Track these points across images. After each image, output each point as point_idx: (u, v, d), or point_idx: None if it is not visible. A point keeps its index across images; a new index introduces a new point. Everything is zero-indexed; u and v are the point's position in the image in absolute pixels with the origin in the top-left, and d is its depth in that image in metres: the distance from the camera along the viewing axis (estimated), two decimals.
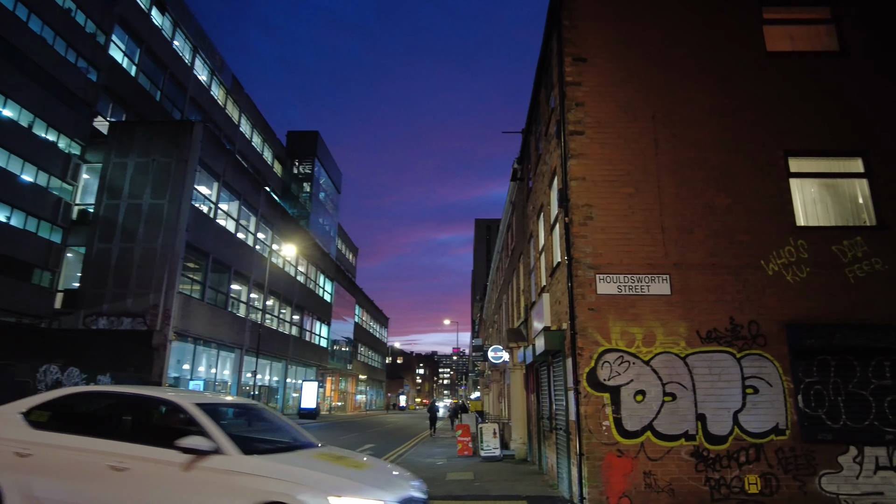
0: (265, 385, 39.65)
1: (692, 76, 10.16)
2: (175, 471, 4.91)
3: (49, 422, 5.63)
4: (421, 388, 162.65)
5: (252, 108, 50.28)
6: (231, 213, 33.74)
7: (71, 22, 29.10)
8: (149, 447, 5.12)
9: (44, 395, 5.94)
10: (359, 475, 5.13)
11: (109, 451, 5.11)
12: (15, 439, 5.37)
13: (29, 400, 5.84)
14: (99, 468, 5.07)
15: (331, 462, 5.43)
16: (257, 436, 6.19)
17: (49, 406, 5.81)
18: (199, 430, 5.15)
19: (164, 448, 5.01)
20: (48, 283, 27.91)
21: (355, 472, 5.25)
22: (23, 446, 5.31)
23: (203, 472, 4.89)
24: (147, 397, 5.94)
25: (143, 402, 5.94)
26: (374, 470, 5.54)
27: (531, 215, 14.27)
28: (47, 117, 27.53)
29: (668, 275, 9.00)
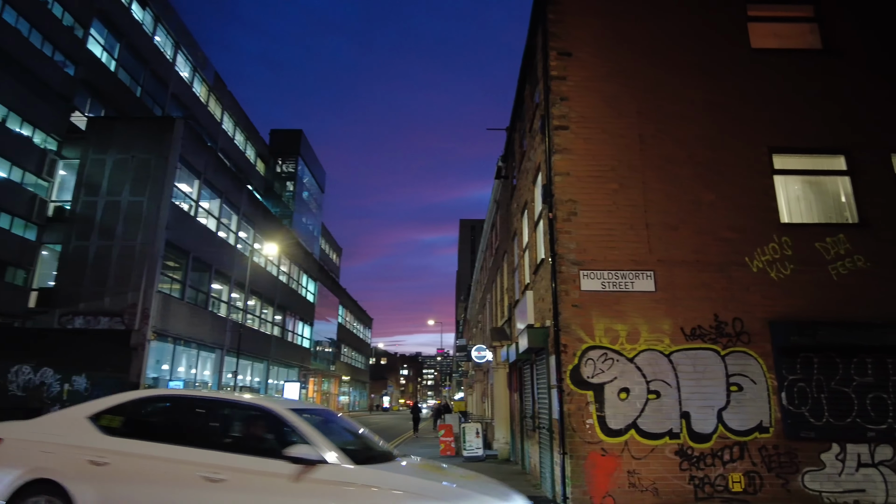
0: (246, 386, 39.12)
1: (678, 72, 10.10)
2: (282, 483, 4.46)
3: (124, 428, 5.15)
4: (405, 388, 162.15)
5: (235, 105, 49.68)
6: (212, 212, 33.23)
7: (47, 14, 28.44)
8: (248, 457, 4.67)
9: (112, 399, 5.41)
10: (473, 485, 4.76)
11: (200, 461, 4.64)
12: (88, 446, 4.86)
13: (95, 403, 5.34)
14: (189, 479, 4.60)
15: (437, 472, 5.10)
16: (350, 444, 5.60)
17: (120, 410, 5.31)
18: (300, 438, 4.72)
19: (266, 458, 4.58)
20: (22, 282, 27.21)
21: (467, 481, 4.89)
22: (97, 454, 4.81)
23: (315, 484, 4.43)
24: (237, 402, 5.48)
25: (232, 409, 5.46)
26: (480, 480, 5.12)
27: (515, 213, 14.15)
28: (22, 111, 26.85)
29: (652, 271, 8.92)
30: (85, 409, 5.26)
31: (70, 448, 4.90)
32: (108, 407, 5.28)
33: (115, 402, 5.35)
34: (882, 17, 10.46)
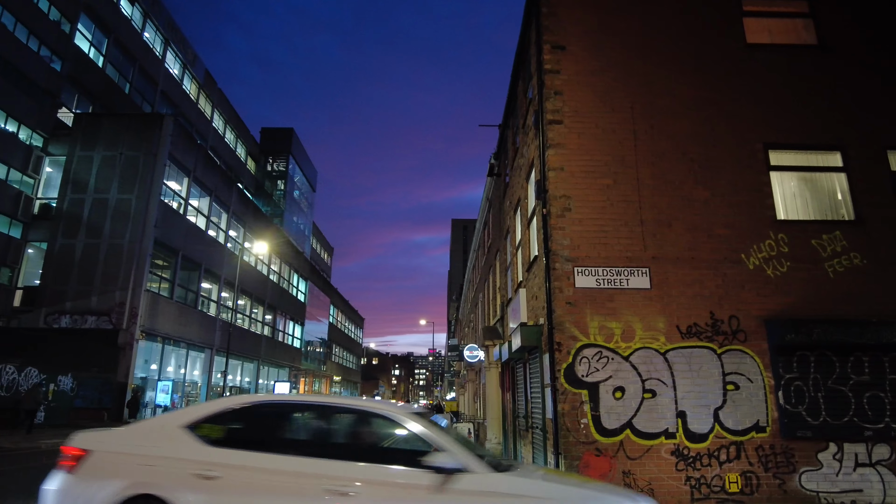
0: (236, 386, 38.75)
1: (671, 67, 9.98)
2: (423, 495, 4.10)
3: (228, 437, 4.74)
4: (396, 389, 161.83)
5: (225, 103, 49.27)
6: (202, 210, 32.88)
7: (33, 8, 28.01)
8: (379, 466, 4.31)
9: (210, 406, 4.94)
10: (607, 488, 4.52)
11: (325, 473, 4.23)
12: (193, 459, 4.43)
13: (189, 412, 4.89)
14: (313, 493, 4.20)
15: (567, 477, 4.87)
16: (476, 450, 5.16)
17: (220, 418, 4.88)
18: (430, 445, 4.39)
19: (399, 467, 4.25)
20: (6, 281, 26.77)
21: (598, 485, 4.64)
22: (205, 467, 4.37)
23: (460, 496, 4.09)
24: (353, 408, 5.06)
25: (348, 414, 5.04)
26: (606, 484, 4.87)
27: (508, 210, 13.99)
28: (6, 107, 26.40)
29: (647, 268, 8.78)
30: (179, 417, 4.81)
31: (173, 461, 4.44)
32: (206, 415, 4.84)
33: (215, 410, 4.90)
34: (877, 12, 10.39)
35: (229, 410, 4.89)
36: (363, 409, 4.99)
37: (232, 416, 4.93)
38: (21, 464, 11.16)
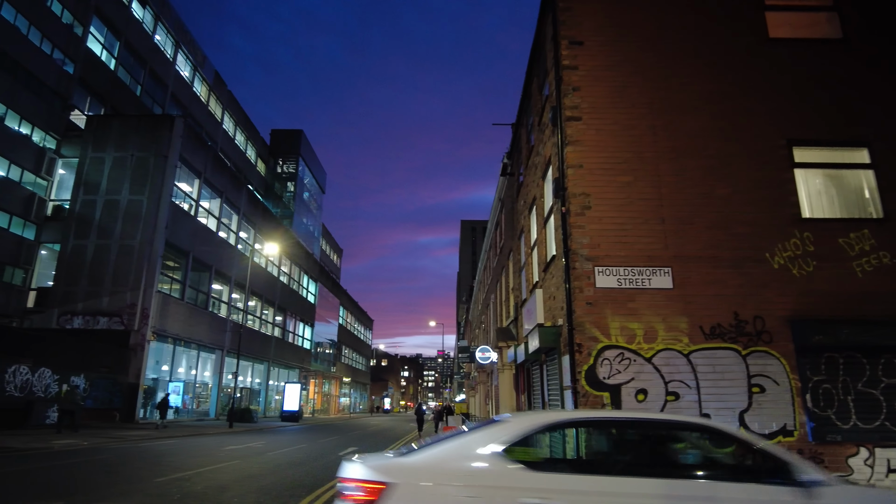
0: (247, 387, 38.77)
1: (689, 61, 9.77)
2: None
3: (547, 460, 4.21)
4: (405, 390, 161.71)
5: (235, 105, 49.38)
6: (212, 211, 32.92)
7: (46, 11, 28.16)
8: (737, 485, 3.77)
9: (517, 426, 4.25)
10: None
11: (679, 494, 3.68)
12: (519, 486, 3.77)
13: (494, 433, 4.17)
14: None
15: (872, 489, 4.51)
16: None
17: (531, 440, 4.25)
18: (781, 459, 3.94)
19: (761, 485, 3.75)
20: (20, 282, 26.90)
21: None
22: (537, 495, 3.70)
23: None
24: (680, 423, 4.60)
25: (673, 430, 4.55)
26: None
27: (522, 210, 13.80)
28: (20, 109, 26.54)
29: (669, 268, 8.56)
30: (484, 439, 4.13)
31: (497, 490, 3.81)
32: (516, 436, 4.23)
33: (524, 430, 4.27)
34: None
35: (537, 429, 4.31)
36: (690, 423, 4.58)
37: (539, 436, 4.35)
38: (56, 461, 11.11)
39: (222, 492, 9.04)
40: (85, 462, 11.39)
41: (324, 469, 12.41)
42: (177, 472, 10.37)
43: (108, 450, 13.83)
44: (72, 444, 14.38)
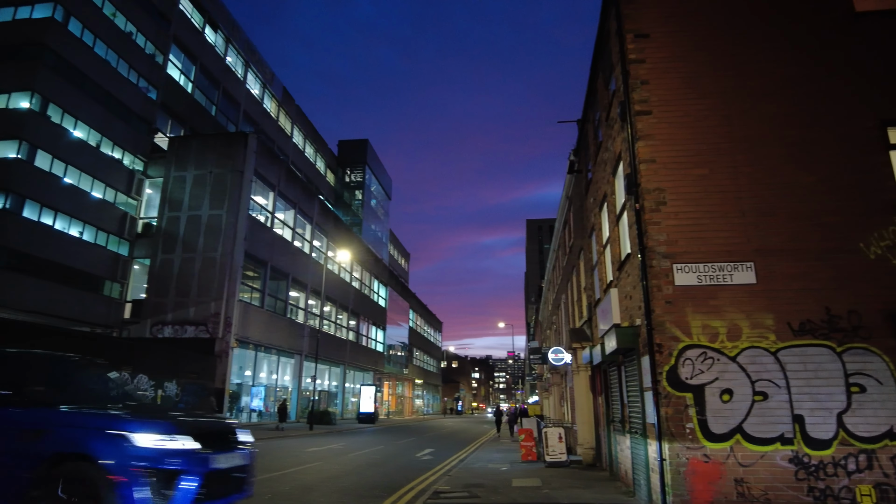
0: (324, 390, 40.05)
1: (764, 45, 9.31)
2: None
3: None
4: (476, 392, 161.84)
5: (303, 118, 51.20)
6: (287, 222, 34.28)
7: (132, 44, 30.31)
8: None
9: None
10: None
11: None
12: None
13: None
14: None
15: None
16: None
17: None
18: None
19: None
20: (117, 294, 29.04)
21: None
22: None
23: None
24: None
25: None
26: None
27: (592, 207, 13.56)
28: (112, 136, 28.72)
29: (751, 262, 8.19)
30: None
31: None
32: None
33: None
34: None
35: None
36: None
37: None
38: None
39: (308, 492, 9.42)
40: None
41: (402, 470, 12.69)
42: (265, 473, 10.89)
43: None
44: None
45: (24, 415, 5.48)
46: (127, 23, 30.15)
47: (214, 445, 5.71)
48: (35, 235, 24.65)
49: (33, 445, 5.25)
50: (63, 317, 25.29)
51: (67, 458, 5.16)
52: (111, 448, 5.11)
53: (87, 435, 5.23)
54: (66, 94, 26.30)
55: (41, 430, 5.31)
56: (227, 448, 5.96)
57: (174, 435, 5.34)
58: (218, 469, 5.62)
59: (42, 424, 5.37)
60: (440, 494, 9.81)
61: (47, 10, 26.17)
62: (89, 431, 5.26)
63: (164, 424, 5.49)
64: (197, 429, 5.69)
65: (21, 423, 5.43)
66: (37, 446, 5.24)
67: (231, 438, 6.16)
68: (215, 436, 5.89)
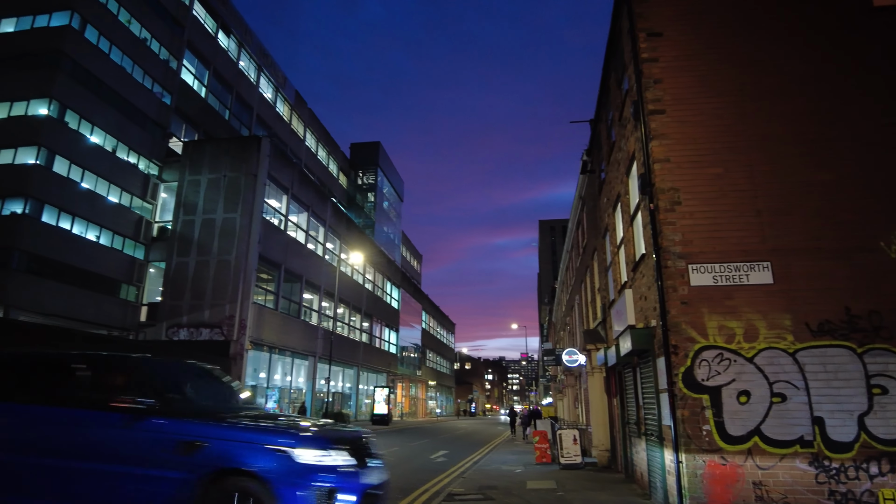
0: (338, 392, 40.18)
1: (779, 41, 9.20)
2: None
3: None
4: (490, 393, 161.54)
5: (315, 121, 51.47)
6: (300, 225, 34.45)
7: (146, 50, 30.67)
8: None
9: None
10: None
11: None
12: None
13: None
14: None
15: None
16: None
17: None
18: None
19: None
20: (133, 298, 29.36)
21: None
22: None
23: None
24: None
25: None
26: None
27: (605, 207, 13.48)
28: (127, 141, 29.06)
29: (768, 262, 8.09)
30: None
31: None
32: None
33: None
34: None
35: None
36: None
37: None
38: None
39: None
40: None
41: (416, 472, 12.68)
42: None
43: None
44: None
45: (178, 426, 5.15)
46: (142, 29, 30.51)
47: (362, 459, 5.47)
48: (53, 240, 25.01)
49: (191, 459, 4.97)
50: (81, 319, 25.61)
51: (230, 474, 4.92)
52: (274, 464, 4.88)
53: (249, 450, 4.98)
54: (83, 101, 26.66)
55: (199, 443, 5.01)
56: (370, 461, 5.68)
57: (330, 449, 5.12)
58: (369, 485, 5.38)
59: (200, 437, 5.05)
60: (454, 497, 9.80)
61: (64, 19, 26.55)
62: (250, 446, 5.02)
63: (321, 439, 5.23)
64: (350, 442, 5.42)
65: (176, 434, 5.09)
66: (196, 460, 4.96)
67: (370, 451, 5.82)
68: (360, 449, 5.59)
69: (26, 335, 16.51)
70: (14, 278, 23.57)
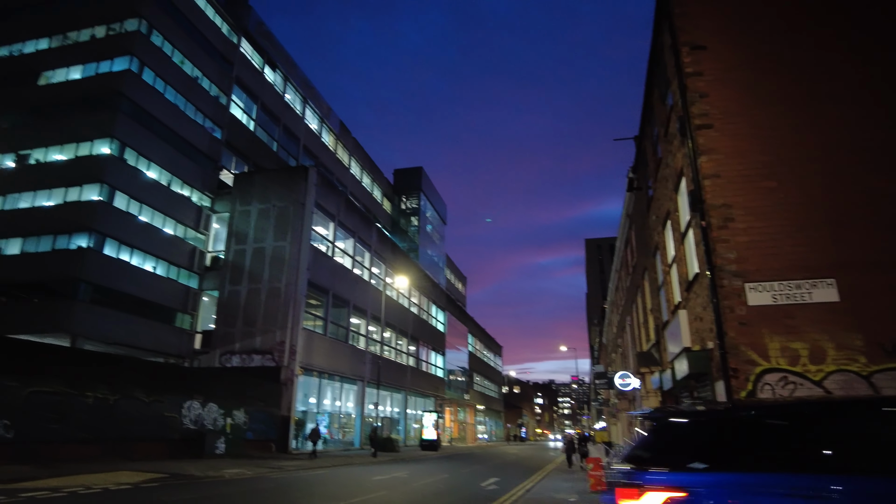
0: (386, 416, 40.15)
1: (829, 47, 8.85)
2: None
3: None
4: (541, 418, 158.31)
5: (359, 149, 52.55)
6: (347, 251, 34.98)
7: (198, 88, 32.13)
8: None
9: None
10: None
11: None
12: None
13: None
14: None
15: None
16: None
17: None
18: None
19: None
20: (188, 326, 30.30)
21: None
22: None
23: None
24: None
25: None
26: None
27: (655, 225, 13.12)
28: (181, 174, 30.35)
29: (832, 278, 7.65)
30: None
31: None
32: None
33: None
34: None
35: None
36: None
37: None
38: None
39: None
40: (251, 491, 12.36)
41: (467, 500, 12.42)
42: (331, 502, 10.90)
43: (270, 479, 14.91)
44: (239, 472, 15.71)
45: None
46: (193, 68, 32.02)
47: None
48: (114, 271, 26.17)
49: None
50: (139, 347, 26.58)
51: None
52: None
53: None
54: (141, 138, 28.07)
55: None
56: None
57: None
58: None
59: None
60: None
61: (125, 63, 28.15)
62: None
63: None
64: None
65: None
66: None
67: None
68: None
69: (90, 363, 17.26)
70: (80, 308, 24.72)
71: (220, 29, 34.65)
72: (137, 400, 18.12)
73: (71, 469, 13.59)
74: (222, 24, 34.89)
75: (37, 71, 30.20)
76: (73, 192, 26.84)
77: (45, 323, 24.23)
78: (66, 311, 24.51)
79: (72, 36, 30.39)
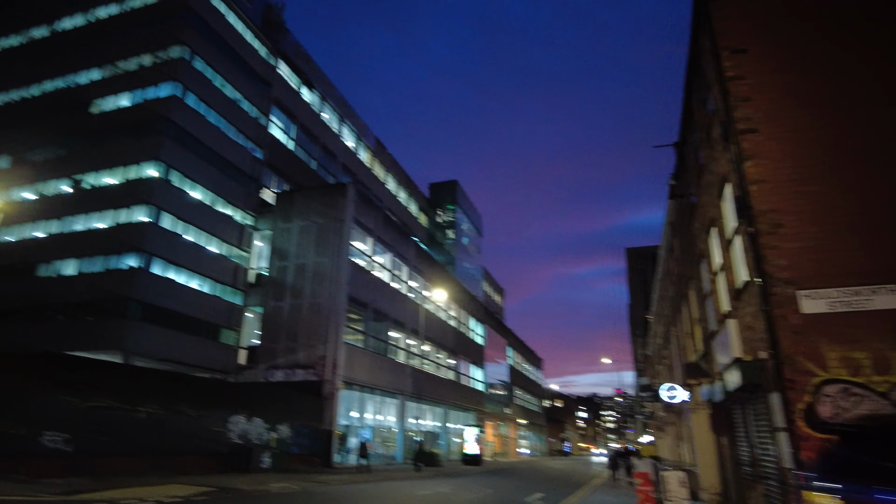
0: (427, 430, 40.06)
1: (875, 44, 8.57)
2: None
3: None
4: (584, 432, 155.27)
5: (395, 165, 53.16)
6: (385, 265, 35.29)
7: (238, 110, 33.16)
8: None
9: None
10: None
11: None
12: None
13: None
14: None
15: None
16: None
17: None
18: None
19: None
20: (233, 342, 31.00)
21: None
22: None
23: None
24: None
25: None
26: None
27: (699, 233, 12.81)
28: (224, 194, 31.27)
29: (895, 283, 7.30)
30: None
31: None
32: None
33: None
34: None
35: None
36: None
37: None
38: None
39: None
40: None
41: None
42: None
43: (316, 493, 15.03)
44: (285, 487, 15.90)
45: None
46: (234, 91, 33.07)
47: None
48: (162, 289, 27.06)
49: None
50: (186, 363, 27.32)
51: None
52: None
53: None
54: (185, 161, 29.09)
55: None
56: None
57: None
58: None
59: None
60: None
61: (170, 89, 29.30)
62: None
63: None
64: None
65: None
66: None
67: None
68: None
69: (142, 379, 17.83)
70: (130, 326, 25.61)
71: (259, 52, 35.72)
72: (185, 415, 18.58)
73: (125, 482, 14.01)
74: (260, 48, 35.97)
75: (89, 99, 31.70)
76: (123, 213, 27.95)
77: (98, 340, 25.20)
78: (117, 329, 25.43)
79: (121, 65, 31.82)
